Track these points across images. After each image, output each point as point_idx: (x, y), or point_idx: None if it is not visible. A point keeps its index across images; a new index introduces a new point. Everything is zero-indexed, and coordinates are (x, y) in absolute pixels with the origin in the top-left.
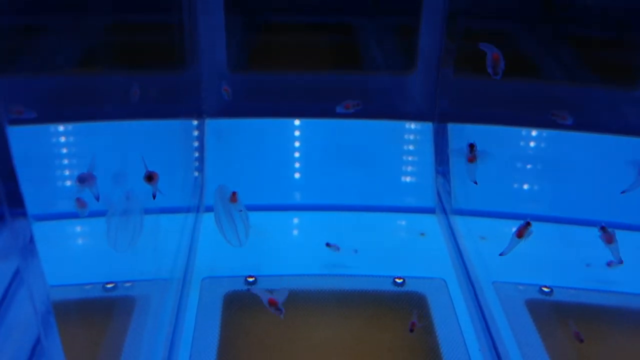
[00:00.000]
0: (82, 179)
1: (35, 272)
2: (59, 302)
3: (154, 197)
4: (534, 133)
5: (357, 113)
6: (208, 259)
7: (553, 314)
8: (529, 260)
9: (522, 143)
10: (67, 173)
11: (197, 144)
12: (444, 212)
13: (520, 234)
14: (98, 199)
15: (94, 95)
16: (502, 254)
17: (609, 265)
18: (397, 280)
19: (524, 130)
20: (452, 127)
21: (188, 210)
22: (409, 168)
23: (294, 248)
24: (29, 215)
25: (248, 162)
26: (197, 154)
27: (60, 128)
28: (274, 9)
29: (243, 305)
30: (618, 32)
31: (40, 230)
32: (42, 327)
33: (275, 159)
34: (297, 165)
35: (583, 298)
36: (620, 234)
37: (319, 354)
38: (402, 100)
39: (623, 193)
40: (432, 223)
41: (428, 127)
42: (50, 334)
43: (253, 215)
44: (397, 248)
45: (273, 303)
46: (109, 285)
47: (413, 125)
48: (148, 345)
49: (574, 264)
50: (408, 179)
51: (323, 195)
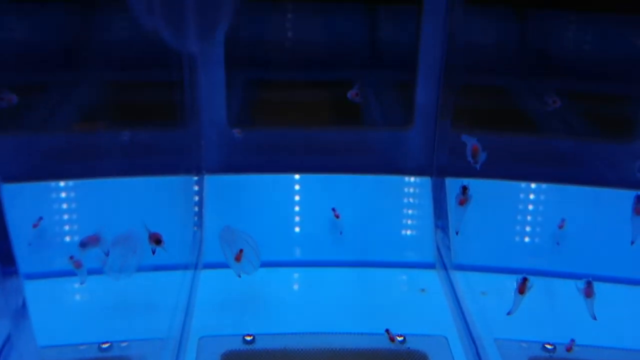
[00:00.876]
0: (83, 244)
1: (27, 336)
2: None
3: (154, 252)
4: (533, 186)
5: (356, 168)
6: (206, 317)
7: None
8: (532, 316)
9: (521, 196)
10: (66, 229)
11: (196, 199)
12: (444, 267)
13: (522, 291)
14: (107, 255)
15: (94, 152)
16: (509, 314)
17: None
18: (397, 338)
19: (524, 184)
20: (450, 181)
21: (186, 267)
22: (409, 222)
23: (294, 305)
24: (21, 274)
25: (247, 217)
26: (196, 210)
27: (61, 184)
28: (274, 65)
29: None
30: (614, 85)
31: (37, 288)
32: None
33: (275, 214)
34: (297, 220)
35: (587, 355)
36: (622, 289)
37: None
38: (400, 155)
39: (633, 244)
40: (432, 278)
41: (427, 181)
42: None
43: None
44: (397, 305)
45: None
46: (105, 345)
47: (412, 180)
48: None
49: (577, 320)
50: (407, 234)
51: (323, 251)
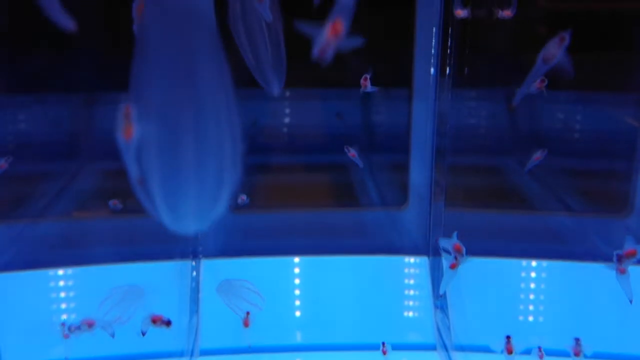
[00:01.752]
0: (77, 327)
1: None
2: None
3: (144, 334)
4: (534, 264)
5: (354, 249)
6: None
7: None
8: None
9: (522, 274)
10: (63, 318)
11: (193, 285)
12: (445, 348)
13: (509, 351)
14: (113, 336)
15: (91, 239)
16: None
17: None
18: None
19: (524, 262)
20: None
21: (181, 355)
22: (408, 303)
23: None
24: None
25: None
26: (192, 295)
27: (59, 272)
28: (272, 151)
29: None
30: (606, 160)
31: None
32: None
33: (274, 298)
34: (297, 304)
35: None
36: None
37: None
38: (397, 235)
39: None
40: None
41: (424, 261)
42: None
43: (253, 358)
44: None
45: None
46: None
47: (409, 260)
48: None
49: None
50: (406, 315)
51: (324, 335)
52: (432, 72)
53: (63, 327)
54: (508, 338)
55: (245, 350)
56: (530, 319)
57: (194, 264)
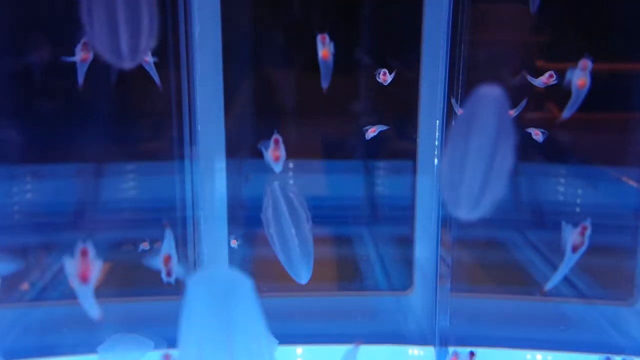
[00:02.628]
0: None
1: None
2: None
3: None
4: (539, 357)
5: (359, 340)
6: None
7: None
8: None
9: None
10: None
11: None
12: None
13: None
14: None
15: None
16: None
17: None
18: None
19: (529, 354)
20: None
21: None
22: None
23: None
24: None
25: None
26: None
27: None
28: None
29: None
30: (615, 239)
31: None
32: None
33: None
34: None
35: None
36: None
37: None
38: (403, 320)
39: None
40: None
41: (429, 351)
42: None
43: None
44: None
45: None
46: None
47: (414, 352)
48: None
49: None
50: None
51: None
52: (436, 144)
53: None
54: None
55: None
56: None
57: None
